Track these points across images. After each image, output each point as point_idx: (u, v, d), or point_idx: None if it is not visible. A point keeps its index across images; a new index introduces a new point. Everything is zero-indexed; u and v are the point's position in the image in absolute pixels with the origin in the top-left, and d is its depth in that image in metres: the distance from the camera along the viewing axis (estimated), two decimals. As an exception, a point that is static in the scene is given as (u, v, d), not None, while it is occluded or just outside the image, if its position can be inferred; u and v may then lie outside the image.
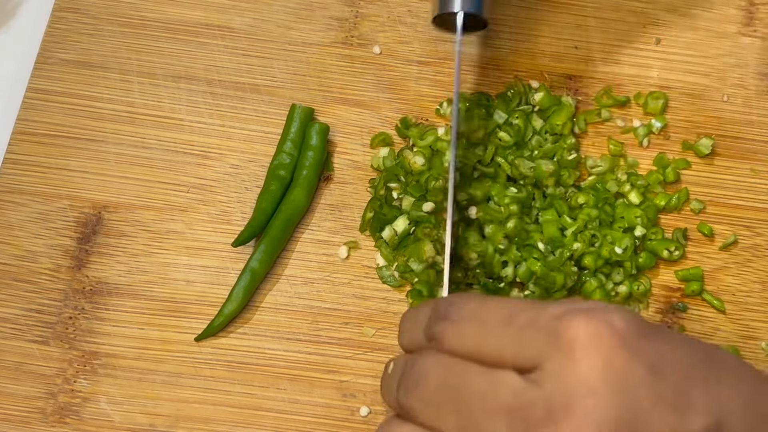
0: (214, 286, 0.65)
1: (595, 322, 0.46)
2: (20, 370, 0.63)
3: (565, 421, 0.44)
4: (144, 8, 0.73)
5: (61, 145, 0.69)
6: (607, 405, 0.44)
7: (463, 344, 0.49)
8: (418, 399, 0.50)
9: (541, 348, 0.47)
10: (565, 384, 0.45)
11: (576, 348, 0.45)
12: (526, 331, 0.47)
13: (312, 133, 0.68)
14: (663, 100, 0.70)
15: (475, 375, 0.48)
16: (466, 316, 0.50)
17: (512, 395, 0.46)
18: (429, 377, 0.50)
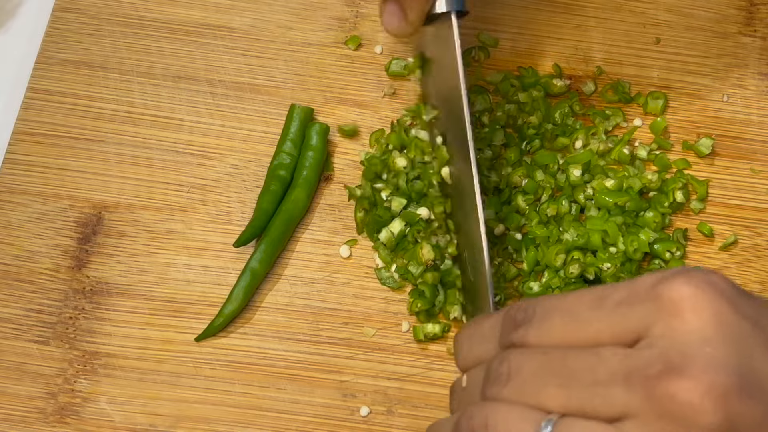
0: (214, 286, 0.65)
1: (697, 281, 0.45)
2: (20, 370, 0.63)
3: (687, 370, 0.44)
4: (144, 8, 0.73)
5: (61, 145, 0.69)
6: (725, 353, 0.44)
7: (552, 339, 0.48)
8: (515, 388, 0.47)
9: (644, 317, 0.45)
10: (679, 339, 0.44)
11: (683, 306, 0.45)
12: (622, 308, 0.46)
13: (312, 133, 0.68)
14: (663, 100, 0.70)
15: (576, 353, 0.46)
16: (547, 313, 0.48)
17: (623, 360, 0.45)
18: (523, 368, 0.47)
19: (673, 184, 0.67)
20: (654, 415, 0.44)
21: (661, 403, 0.44)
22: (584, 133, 0.69)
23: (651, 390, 0.44)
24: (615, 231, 0.65)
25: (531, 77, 0.70)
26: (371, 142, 0.69)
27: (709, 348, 0.44)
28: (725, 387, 0.43)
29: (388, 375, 0.63)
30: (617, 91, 0.71)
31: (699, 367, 0.44)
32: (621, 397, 0.45)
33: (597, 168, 0.68)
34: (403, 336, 0.64)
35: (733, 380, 0.43)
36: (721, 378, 0.43)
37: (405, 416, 0.63)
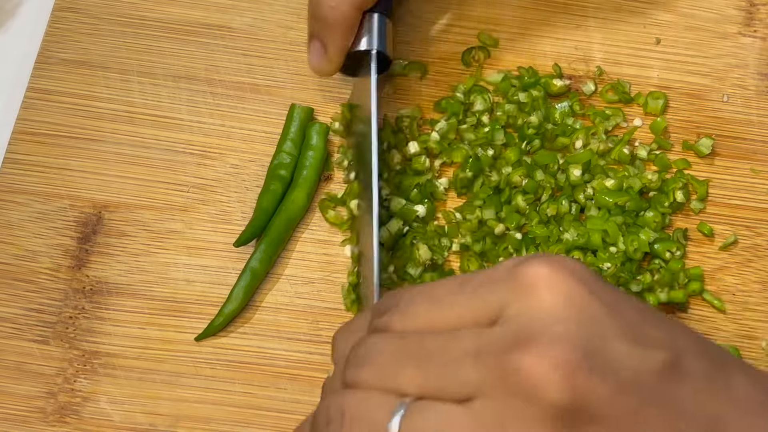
0: (214, 285, 0.65)
1: (553, 263, 0.45)
2: (20, 369, 0.63)
3: (534, 346, 0.43)
4: (144, 8, 0.73)
5: (61, 145, 0.69)
6: (575, 330, 0.44)
7: (415, 324, 0.47)
8: (372, 371, 0.46)
9: (501, 297, 0.46)
10: (531, 317, 0.45)
11: (537, 285, 0.45)
12: (481, 290, 0.46)
13: (312, 133, 0.68)
14: (663, 100, 0.70)
15: (434, 336, 0.46)
16: (411, 299, 0.48)
17: (475, 339, 0.45)
18: (381, 351, 0.47)
19: (674, 184, 0.67)
20: (502, 392, 0.44)
21: (508, 380, 0.43)
22: (584, 133, 0.69)
23: (499, 366, 0.44)
24: (615, 231, 0.65)
25: (531, 77, 0.70)
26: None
27: (560, 326, 0.44)
28: (572, 363, 0.43)
29: (389, 375, 0.63)
30: (617, 91, 0.71)
31: (547, 343, 0.43)
32: (471, 375, 0.44)
33: (597, 168, 0.68)
34: (403, 336, 0.64)
35: (581, 358, 0.43)
36: (568, 354, 0.43)
37: (405, 416, 0.62)
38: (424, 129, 0.69)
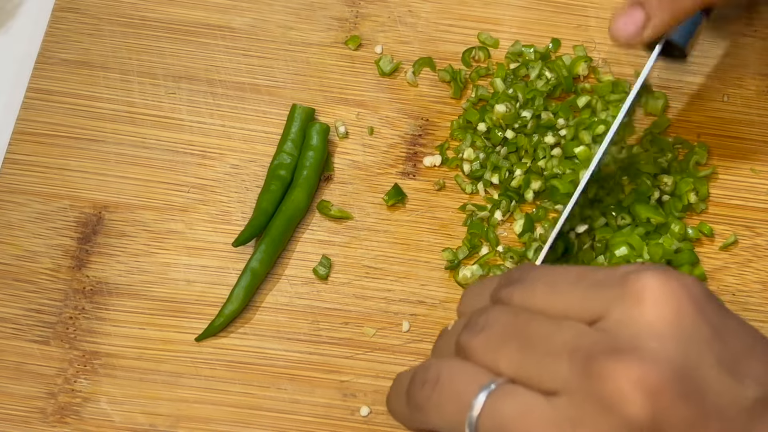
0: (214, 286, 0.65)
1: (667, 277, 0.46)
2: (20, 369, 0.63)
3: (626, 357, 0.44)
4: (144, 8, 0.73)
5: (61, 145, 0.69)
6: (671, 350, 0.44)
7: (532, 302, 0.49)
8: (481, 341, 0.48)
9: (609, 299, 0.46)
10: (631, 327, 0.45)
11: (645, 297, 0.45)
12: (595, 287, 0.47)
13: (312, 133, 0.68)
14: (663, 100, 0.70)
15: (541, 321, 0.47)
16: (536, 278, 0.50)
17: (576, 336, 0.46)
18: (496, 323, 0.48)
19: (687, 187, 0.67)
20: (585, 394, 0.44)
21: (592, 384, 0.44)
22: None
23: (588, 369, 0.44)
24: (639, 243, 0.65)
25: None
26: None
27: (656, 343, 0.44)
28: (659, 382, 0.43)
29: (389, 375, 0.63)
30: (617, 90, 0.70)
31: (639, 357, 0.44)
32: (562, 370, 0.45)
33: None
34: (403, 336, 0.65)
35: (669, 378, 0.43)
36: (656, 373, 0.43)
37: (405, 416, 0.62)
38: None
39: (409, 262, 0.67)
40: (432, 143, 0.70)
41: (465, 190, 0.68)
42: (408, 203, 0.68)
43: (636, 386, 0.43)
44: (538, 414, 0.45)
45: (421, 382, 0.49)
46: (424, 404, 0.49)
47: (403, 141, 0.70)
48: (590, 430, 0.44)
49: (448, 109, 0.71)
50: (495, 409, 0.46)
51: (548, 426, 0.45)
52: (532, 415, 0.45)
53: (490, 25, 0.73)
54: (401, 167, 0.69)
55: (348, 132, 0.70)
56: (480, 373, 0.48)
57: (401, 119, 0.70)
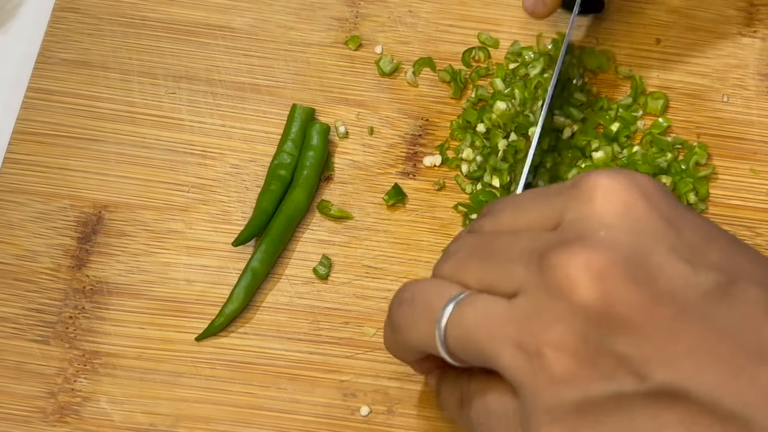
0: (214, 285, 0.65)
1: (618, 175, 0.47)
2: (20, 369, 0.63)
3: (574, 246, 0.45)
4: (145, 8, 0.73)
5: (61, 145, 0.69)
6: (619, 239, 0.45)
7: (500, 227, 0.51)
8: (450, 264, 0.51)
9: (563, 203, 0.48)
10: (583, 223, 0.46)
11: (595, 193, 0.47)
12: (551, 197, 0.49)
13: (313, 133, 0.68)
14: (663, 100, 0.70)
15: (504, 236, 0.50)
16: (503, 206, 0.52)
17: (532, 239, 0.48)
18: (461, 247, 0.51)
19: (686, 188, 0.67)
20: (539, 287, 0.46)
21: (543, 277, 0.45)
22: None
23: (540, 264, 0.46)
24: None
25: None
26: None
27: (605, 232, 0.45)
28: (605, 265, 0.44)
29: (389, 375, 0.63)
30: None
31: (586, 245, 0.45)
32: (520, 272, 0.47)
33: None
34: (403, 336, 0.64)
35: (616, 261, 0.44)
36: (603, 256, 0.44)
37: (405, 416, 0.62)
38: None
39: (409, 262, 0.67)
40: (432, 143, 0.70)
41: (465, 190, 0.68)
42: (408, 203, 0.68)
43: (582, 270, 0.44)
44: (498, 315, 0.47)
45: (398, 302, 0.52)
46: (402, 323, 0.52)
47: (403, 141, 0.70)
48: (544, 320, 0.45)
49: (448, 109, 0.71)
50: (460, 316, 0.48)
51: (507, 324, 0.46)
52: (492, 317, 0.47)
53: (490, 25, 0.73)
54: (401, 167, 0.69)
55: (348, 132, 0.70)
56: (449, 287, 0.50)
57: (401, 119, 0.70)
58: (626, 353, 0.44)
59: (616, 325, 0.44)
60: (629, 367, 0.44)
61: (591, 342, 0.45)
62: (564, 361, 0.45)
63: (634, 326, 0.44)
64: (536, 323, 0.45)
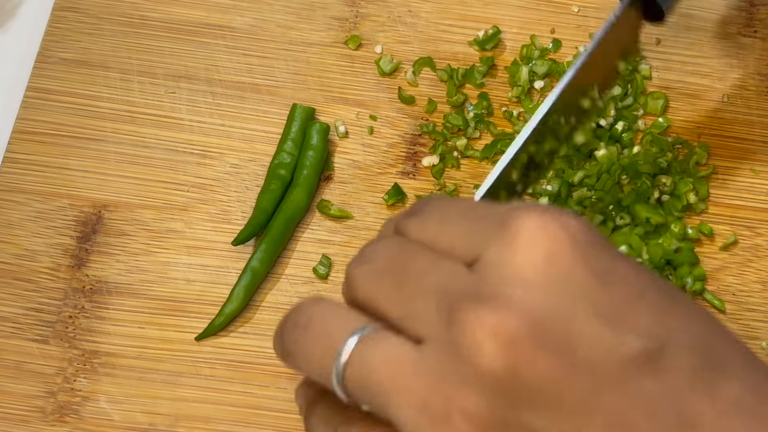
0: (214, 285, 0.65)
1: (547, 218, 0.42)
2: (20, 368, 0.63)
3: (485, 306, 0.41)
4: (144, 7, 0.73)
5: (61, 144, 0.69)
6: (536, 299, 0.41)
7: (424, 235, 0.46)
8: (363, 272, 0.46)
9: (487, 237, 0.43)
10: (500, 271, 0.42)
11: (518, 238, 0.42)
12: (479, 222, 0.44)
13: (313, 133, 0.68)
14: (663, 100, 0.70)
15: (423, 256, 0.45)
16: (432, 209, 0.47)
17: (448, 276, 0.43)
18: (380, 255, 0.46)
19: (686, 188, 0.67)
20: (447, 344, 0.42)
21: (452, 334, 0.42)
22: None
23: (450, 317, 0.42)
24: (638, 242, 0.65)
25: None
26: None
27: (522, 290, 0.41)
28: (516, 332, 0.40)
29: (389, 374, 0.63)
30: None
31: (498, 305, 0.41)
32: (431, 315, 0.43)
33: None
34: (403, 335, 0.64)
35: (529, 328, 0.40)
36: (514, 321, 0.40)
37: (405, 415, 0.62)
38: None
39: (409, 262, 0.66)
40: (431, 143, 0.70)
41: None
42: (408, 203, 0.68)
43: (490, 335, 0.40)
44: (405, 363, 0.43)
45: (293, 326, 0.47)
46: (293, 349, 0.46)
47: (403, 141, 0.70)
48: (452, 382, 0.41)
49: (448, 109, 0.70)
50: (363, 355, 0.43)
51: (413, 376, 0.42)
52: (399, 364, 0.43)
53: (490, 25, 0.73)
54: (401, 167, 0.69)
55: (348, 132, 0.70)
56: (351, 319, 0.45)
57: (401, 119, 0.70)
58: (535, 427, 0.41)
59: (526, 397, 0.40)
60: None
61: (499, 413, 0.41)
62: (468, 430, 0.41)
63: (546, 399, 0.41)
64: (444, 384, 0.41)
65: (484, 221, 0.44)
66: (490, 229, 0.43)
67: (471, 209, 0.46)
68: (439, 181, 0.68)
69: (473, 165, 0.69)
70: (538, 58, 0.71)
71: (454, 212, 0.46)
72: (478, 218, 0.45)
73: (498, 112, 0.70)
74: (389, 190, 0.68)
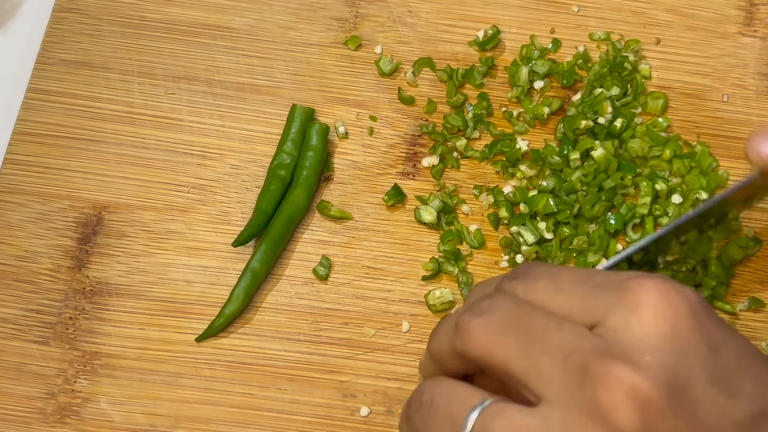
0: (214, 286, 0.65)
1: (668, 287, 0.46)
2: (21, 370, 0.63)
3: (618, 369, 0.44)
4: (144, 8, 0.73)
5: (61, 146, 0.69)
6: (664, 365, 0.44)
7: (534, 297, 0.49)
8: (481, 323, 0.48)
9: (609, 303, 0.46)
10: (627, 337, 0.45)
11: (643, 307, 0.45)
12: (597, 289, 0.47)
13: (312, 133, 0.68)
14: (663, 100, 0.70)
15: (543, 316, 0.48)
16: (540, 274, 0.50)
17: (574, 337, 0.46)
18: (498, 308, 0.48)
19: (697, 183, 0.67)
20: (575, 405, 0.44)
21: (584, 394, 0.44)
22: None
23: (581, 376, 0.44)
24: None
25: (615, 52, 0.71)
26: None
27: (650, 356, 0.44)
28: (650, 394, 0.43)
29: (388, 375, 0.63)
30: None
31: (632, 369, 0.44)
32: (556, 375, 0.45)
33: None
34: (403, 336, 0.65)
35: (660, 391, 0.44)
36: (648, 385, 0.44)
37: (405, 416, 0.62)
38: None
39: (409, 262, 0.67)
40: (431, 143, 0.70)
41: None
42: (408, 203, 0.68)
43: (627, 397, 0.43)
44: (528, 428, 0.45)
45: (417, 406, 0.50)
46: (421, 427, 0.50)
47: (403, 141, 0.70)
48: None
49: (448, 109, 0.70)
50: (485, 427, 0.46)
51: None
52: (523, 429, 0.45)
53: (490, 25, 0.73)
54: (401, 167, 0.69)
55: (348, 132, 0.70)
56: (471, 393, 0.48)
57: (401, 120, 0.70)
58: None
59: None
60: None
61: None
62: None
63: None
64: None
65: (601, 289, 0.47)
66: (610, 296, 0.46)
67: (586, 277, 0.48)
68: (439, 181, 0.68)
69: (473, 165, 0.69)
70: (538, 58, 0.71)
71: (566, 278, 0.49)
72: (594, 286, 0.47)
73: (498, 113, 0.70)
74: (389, 191, 0.68)
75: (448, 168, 0.69)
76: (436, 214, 0.67)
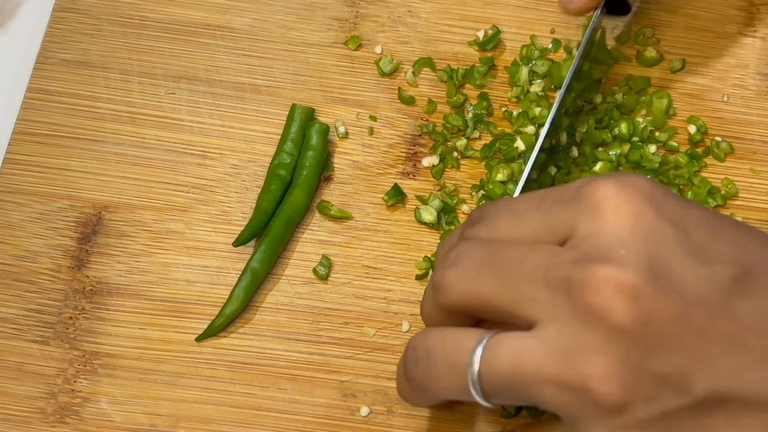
0: (214, 286, 0.65)
1: (620, 183, 0.47)
2: (21, 370, 0.63)
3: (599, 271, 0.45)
4: (144, 8, 0.73)
5: (61, 145, 0.69)
6: (639, 253, 0.45)
7: (498, 234, 0.50)
8: (455, 273, 0.49)
9: (572, 216, 0.47)
10: (599, 240, 0.46)
11: (604, 207, 0.46)
12: (555, 207, 0.48)
13: (312, 133, 0.68)
14: (667, 100, 0.70)
15: (513, 246, 0.49)
16: (497, 211, 0.51)
17: (548, 256, 0.47)
18: (466, 255, 0.50)
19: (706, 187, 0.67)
20: (569, 315, 0.46)
21: (577, 303, 0.45)
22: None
23: (567, 291, 0.45)
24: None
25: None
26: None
27: (624, 250, 0.45)
28: (636, 285, 0.44)
29: (389, 375, 0.63)
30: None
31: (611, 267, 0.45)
32: (542, 296, 0.46)
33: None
34: (403, 336, 0.65)
35: (646, 280, 0.45)
36: (632, 275, 0.45)
37: (405, 416, 0.62)
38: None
39: (409, 262, 0.67)
40: (431, 143, 0.70)
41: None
42: (408, 203, 0.68)
43: (616, 293, 0.44)
44: (533, 356, 0.46)
45: (414, 362, 0.51)
46: (425, 382, 0.51)
47: (403, 141, 0.70)
48: (583, 353, 0.45)
49: (448, 109, 0.71)
50: (491, 364, 0.47)
51: (544, 364, 0.46)
52: (527, 360, 0.46)
53: (490, 25, 0.73)
54: (401, 167, 0.69)
55: (348, 132, 0.70)
56: (466, 335, 0.49)
57: (401, 119, 0.70)
58: (666, 371, 0.45)
59: (654, 344, 0.45)
60: (671, 385, 0.45)
61: (631, 366, 0.45)
62: (609, 391, 0.45)
63: (671, 339, 0.45)
64: (575, 358, 0.45)
65: (559, 205, 0.48)
66: (570, 208, 0.48)
67: (540, 199, 0.49)
68: (439, 181, 0.68)
69: (473, 165, 0.69)
70: (538, 58, 0.71)
71: (523, 206, 0.50)
72: (552, 204, 0.49)
73: (498, 113, 0.70)
74: (389, 191, 0.68)
75: (448, 168, 0.69)
76: (436, 214, 0.67)
